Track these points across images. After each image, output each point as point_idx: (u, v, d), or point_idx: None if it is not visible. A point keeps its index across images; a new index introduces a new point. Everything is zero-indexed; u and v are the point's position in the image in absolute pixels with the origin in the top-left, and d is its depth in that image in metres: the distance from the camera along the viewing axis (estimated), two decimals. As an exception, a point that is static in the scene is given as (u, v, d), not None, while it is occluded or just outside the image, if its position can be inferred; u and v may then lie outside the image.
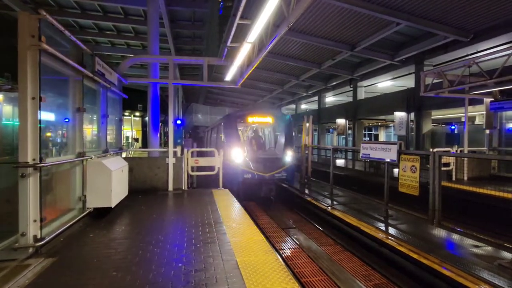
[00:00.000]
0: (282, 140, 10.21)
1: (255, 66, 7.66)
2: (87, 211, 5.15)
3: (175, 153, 8.14)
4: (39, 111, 3.61)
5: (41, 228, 3.66)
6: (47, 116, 4.35)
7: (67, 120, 4.86)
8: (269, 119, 10.63)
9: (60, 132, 5.13)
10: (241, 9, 5.88)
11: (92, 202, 5.15)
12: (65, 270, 3.25)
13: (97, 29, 17.07)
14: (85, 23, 16.32)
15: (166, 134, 30.42)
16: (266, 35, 6.22)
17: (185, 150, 8.37)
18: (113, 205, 5.33)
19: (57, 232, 4.04)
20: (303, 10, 4.73)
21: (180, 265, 3.39)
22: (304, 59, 15.55)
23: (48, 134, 4.76)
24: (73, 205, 4.95)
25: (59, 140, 5.14)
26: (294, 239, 6.78)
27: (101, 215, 5.29)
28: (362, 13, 9.80)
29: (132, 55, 16.80)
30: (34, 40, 3.54)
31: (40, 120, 3.63)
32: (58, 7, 14.34)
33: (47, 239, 3.76)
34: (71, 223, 4.50)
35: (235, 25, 6.65)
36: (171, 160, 7.91)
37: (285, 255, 5.82)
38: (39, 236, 3.63)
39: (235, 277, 3.11)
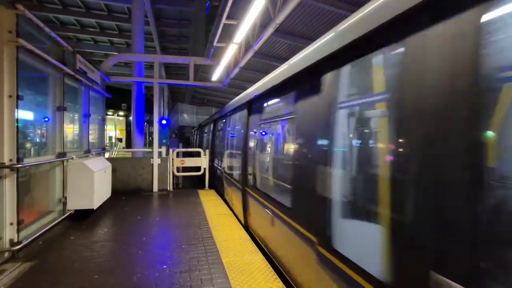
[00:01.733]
0: None
1: (241, 67, 7.67)
2: (68, 213, 4.99)
3: (160, 153, 8.02)
4: (16, 110, 3.48)
5: (18, 231, 3.53)
6: (25, 115, 4.19)
7: (46, 119, 4.69)
8: None
9: (39, 131, 4.94)
10: (227, 9, 5.88)
11: (73, 204, 5.00)
12: (44, 275, 3.14)
13: (79, 25, 16.55)
14: (66, 19, 15.78)
15: (151, 134, 29.96)
16: (252, 36, 6.24)
17: (171, 150, 8.26)
18: (95, 207, 5.20)
19: (35, 235, 3.90)
20: (289, 12, 4.78)
21: (164, 266, 3.35)
22: (290, 60, 15.70)
23: (27, 133, 4.58)
24: (53, 207, 4.79)
25: (38, 140, 4.96)
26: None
27: (83, 217, 5.14)
28: (348, 16, 10.02)
29: (116, 53, 16.41)
30: (11, 35, 3.41)
31: (17, 119, 3.50)
32: (37, 2, 13.80)
33: (25, 242, 3.61)
34: (50, 225, 4.35)
35: (221, 25, 6.63)
36: (156, 161, 7.79)
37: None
38: (16, 240, 3.49)
39: (221, 277, 3.11)
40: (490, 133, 1.24)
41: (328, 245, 2.25)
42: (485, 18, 1.23)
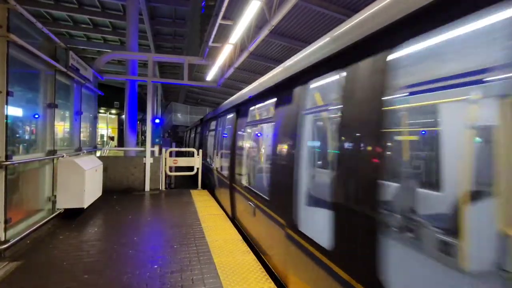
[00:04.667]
0: None
1: (236, 67, 7.67)
2: (57, 212, 4.92)
3: (152, 152, 7.96)
4: (6, 106, 3.41)
5: (5, 230, 3.46)
6: (15, 111, 4.11)
7: (37, 116, 4.61)
8: None
9: (29, 128, 4.86)
10: (223, 9, 5.88)
11: (63, 202, 4.93)
12: (31, 274, 3.09)
13: (72, 21, 16.31)
14: (58, 14, 15.54)
15: (143, 133, 29.71)
16: (248, 37, 6.26)
17: (163, 149, 8.21)
18: (85, 206, 5.12)
19: (23, 234, 3.83)
20: (284, 14, 4.81)
21: (155, 266, 3.33)
22: (285, 62, 15.77)
23: (16, 130, 4.49)
24: (42, 205, 4.70)
25: (28, 137, 4.87)
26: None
27: (72, 217, 5.06)
28: (342, 20, 10.12)
29: (109, 51, 16.24)
30: (2, 30, 3.35)
31: (7, 116, 3.43)
32: (29, -3, 13.57)
33: (12, 241, 3.55)
34: (39, 224, 4.28)
35: (217, 25, 6.63)
36: (148, 160, 7.73)
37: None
38: (3, 239, 3.42)
39: (212, 277, 3.10)
40: None
41: None
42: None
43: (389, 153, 1.69)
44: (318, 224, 2.33)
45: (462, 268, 1.82)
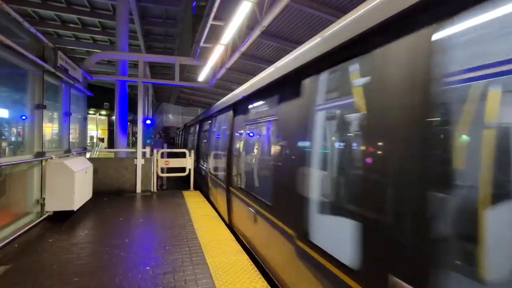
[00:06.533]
0: None
1: (228, 68, 7.67)
2: (46, 215, 4.83)
3: (144, 153, 7.89)
4: (-8, 107, 3.35)
5: (-8, 233, 3.38)
6: (1, 112, 4.03)
7: (24, 117, 4.52)
8: None
9: (15, 130, 4.76)
10: (214, 9, 5.89)
11: (52, 205, 4.84)
12: (20, 278, 3.03)
13: (60, 21, 16.00)
14: (46, 14, 15.23)
15: (134, 134, 29.40)
16: (239, 37, 6.28)
17: (155, 151, 8.15)
18: (75, 208, 5.05)
19: (10, 238, 3.76)
20: (275, 15, 4.85)
21: (148, 268, 3.31)
22: (277, 63, 15.83)
23: (2, 132, 4.40)
24: (30, 208, 4.62)
25: (14, 139, 4.77)
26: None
27: (62, 219, 4.98)
28: (333, 21, 10.25)
29: (99, 51, 15.99)
30: (-13, 30, 3.28)
31: (-7, 117, 3.37)
32: (15, -5, 13.26)
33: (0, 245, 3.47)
34: (27, 228, 4.20)
35: (208, 25, 6.63)
36: (139, 161, 7.65)
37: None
38: (-10, 243, 3.35)
39: (205, 278, 3.11)
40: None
41: None
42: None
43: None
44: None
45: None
